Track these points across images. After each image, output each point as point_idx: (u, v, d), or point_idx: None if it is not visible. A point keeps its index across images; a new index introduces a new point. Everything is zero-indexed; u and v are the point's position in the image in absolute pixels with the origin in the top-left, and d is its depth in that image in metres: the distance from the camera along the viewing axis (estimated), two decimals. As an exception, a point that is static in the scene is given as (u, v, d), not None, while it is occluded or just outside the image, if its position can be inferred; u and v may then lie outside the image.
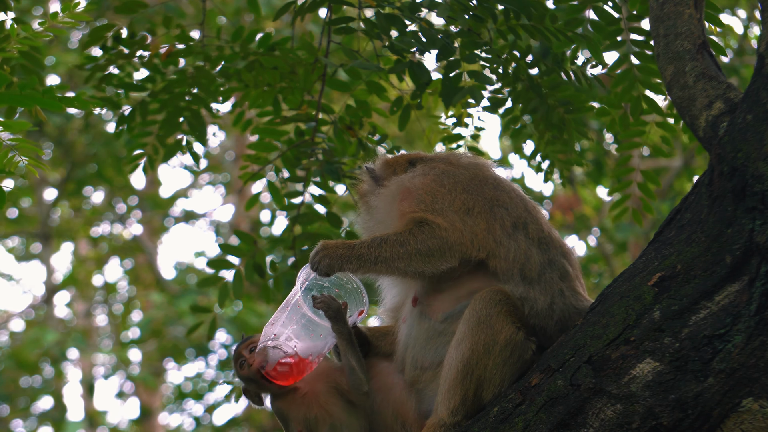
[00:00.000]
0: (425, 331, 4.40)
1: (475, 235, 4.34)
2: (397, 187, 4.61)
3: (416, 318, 4.44)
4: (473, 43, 5.11)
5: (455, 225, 4.33)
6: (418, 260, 4.29)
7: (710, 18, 5.03)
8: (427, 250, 4.30)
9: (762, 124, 3.74)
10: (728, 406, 3.72)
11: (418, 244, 4.30)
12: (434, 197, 4.43)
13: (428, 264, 4.30)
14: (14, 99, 3.76)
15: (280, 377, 4.32)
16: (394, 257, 4.31)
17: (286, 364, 4.31)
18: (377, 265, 4.32)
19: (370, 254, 4.32)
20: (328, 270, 4.34)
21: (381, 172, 4.76)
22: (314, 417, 4.40)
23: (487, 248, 4.33)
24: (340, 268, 4.34)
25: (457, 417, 4.17)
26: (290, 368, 4.31)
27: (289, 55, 5.58)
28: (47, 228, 18.77)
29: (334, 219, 5.80)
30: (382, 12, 5.14)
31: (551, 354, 4.04)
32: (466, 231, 4.34)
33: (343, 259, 4.33)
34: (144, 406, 18.59)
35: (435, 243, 4.31)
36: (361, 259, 4.32)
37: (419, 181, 4.52)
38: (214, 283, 5.79)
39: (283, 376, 4.32)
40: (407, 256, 4.29)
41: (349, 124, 5.81)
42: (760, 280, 3.69)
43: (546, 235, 4.44)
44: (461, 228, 4.33)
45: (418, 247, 4.30)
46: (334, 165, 5.65)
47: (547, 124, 5.48)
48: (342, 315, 4.36)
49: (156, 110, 5.86)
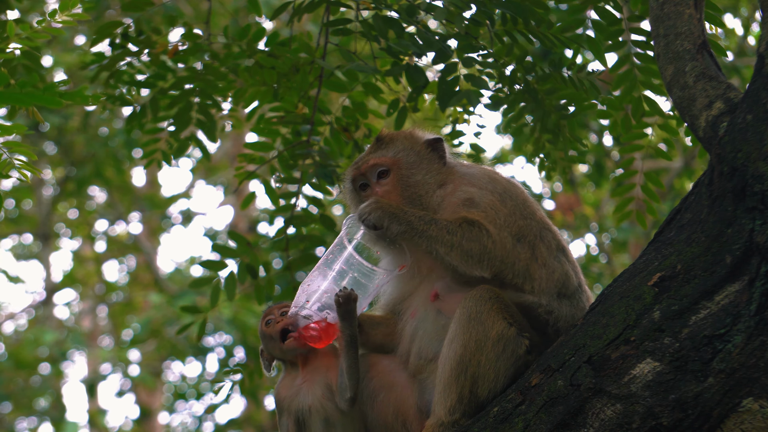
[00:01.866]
0: (437, 327, 4.41)
1: (518, 261, 4.38)
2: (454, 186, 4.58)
3: (430, 313, 4.44)
4: (470, 47, 5.11)
5: (504, 243, 4.38)
6: (457, 254, 4.32)
7: (710, 18, 5.03)
8: (468, 250, 4.32)
9: (762, 124, 3.74)
10: (728, 406, 3.71)
11: (463, 240, 4.32)
12: (497, 213, 4.45)
13: (464, 263, 4.33)
14: (14, 98, 3.74)
15: (310, 340, 4.34)
16: (438, 240, 4.32)
17: (314, 329, 4.33)
18: (420, 239, 4.34)
19: (419, 225, 4.34)
20: (377, 222, 4.34)
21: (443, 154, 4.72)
22: (308, 409, 4.40)
23: (523, 276, 4.38)
24: (387, 226, 4.34)
25: (454, 415, 4.18)
26: (318, 333, 4.33)
27: (287, 55, 5.58)
28: (47, 228, 18.77)
29: (327, 221, 5.80)
30: (379, 14, 5.14)
31: (551, 354, 4.04)
32: (511, 253, 4.37)
33: (393, 218, 4.34)
34: (143, 406, 18.59)
35: (477, 248, 4.33)
36: (409, 225, 4.34)
37: (484, 196, 4.51)
38: (207, 283, 5.79)
39: (312, 339, 4.34)
40: (449, 245, 4.31)
41: (345, 125, 5.81)
42: (760, 280, 3.69)
43: (567, 249, 4.58)
44: (509, 248, 4.38)
45: (462, 243, 4.32)
46: (328, 168, 5.65)
47: (543, 128, 5.48)
48: (353, 314, 4.35)
49: (165, 107, 5.86)
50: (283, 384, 4.50)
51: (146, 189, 19.91)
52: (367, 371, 4.51)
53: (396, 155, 4.66)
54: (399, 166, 4.63)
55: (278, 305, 4.54)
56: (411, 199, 4.55)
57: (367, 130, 5.84)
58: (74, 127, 16.57)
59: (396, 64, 5.27)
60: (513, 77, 5.28)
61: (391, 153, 4.67)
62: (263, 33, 5.70)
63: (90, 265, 20.68)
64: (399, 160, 4.64)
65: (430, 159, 4.65)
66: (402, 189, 4.58)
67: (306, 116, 5.75)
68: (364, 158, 4.72)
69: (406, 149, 4.68)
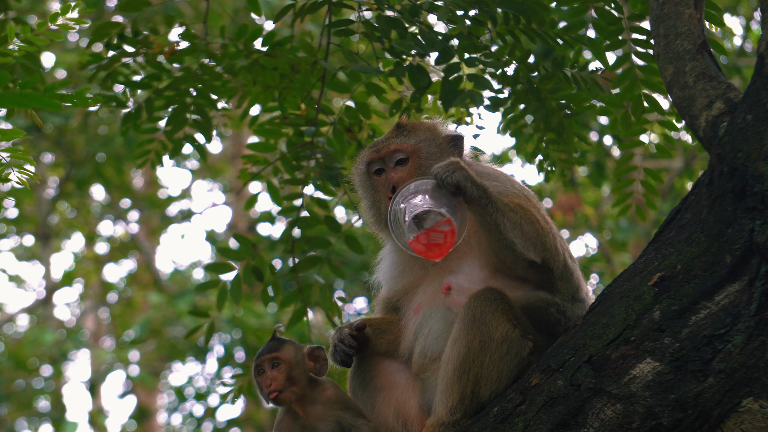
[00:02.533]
0: (445, 325, 4.38)
1: (558, 254, 4.38)
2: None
3: (438, 310, 4.42)
4: (473, 47, 5.11)
5: (553, 232, 4.39)
6: (519, 233, 4.28)
7: (710, 18, 5.03)
8: (527, 232, 4.29)
9: (762, 124, 3.74)
10: (728, 406, 3.71)
11: (522, 220, 4.29)
12: (537, 209, 4.46)
13: (522, 243, 4.28)
14: (13, 99, 3.73)
15: (433, 249, 4.18)
16: (505, 214, 4.26)
17: (440, 232, 4.19)
18: (492, 208, 4.24)
19: (492, 195, 4.26)
20: (459, 182, 4.19)
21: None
22: None
23: (562, 269, 4.39)
24: (466, 188, 4.19)
25: (456, 415, 4.17)
26: (444, 236, 4.18)
27: (288, 56, 5.58)
28: (47, 228, 18.77)
29: (332, 223, 5.79)
30: (382, 15, 5.14)
31: (551, 354, 4.04)
32: (554, 244, 4.37)
33: (473, 182, 4.21)
34: (143, 406, 18.59)
35: (533, 231, 4.31)
36: (485, 192, 4.24)
37: (509, 190, 4.49)
38: (212, 286, 5.78)
39: (436, 247, 4.17)
40: (513, 222, 4.26)
41: (349, 125, 5.81)
42: (760, 280, 3.69)
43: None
44: (552, 240, 4.37)
45: (522, 223, 4.28)
46: (333, 171, 5.64)
47: (546, 127, 5.48)
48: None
49: (161, 107, 5.86)
50: (282, 418, 4.40)
51: (145, 189, 19.91)
52: (368, 371, 4.51)
53: (417, 144, 4.60)
54: (419, 155, 4.58)
55: (269, 355, 4.34)
56: None
57: (371, 130, 5.84)
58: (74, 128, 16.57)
59: (399, 64, 5.27)
60: (515, 77, 5.28)
61: (412, 141, 4.60)
62: (260, 32, 5.70)
63: (89, 265, 20.68)
64: (420, 149, 4.59)
65: (451, 153, 4.59)
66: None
67: (309, 117, 5.75)
68: (384, 142, 4.64)
69: (428, 140, 4.63)
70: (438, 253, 4.19)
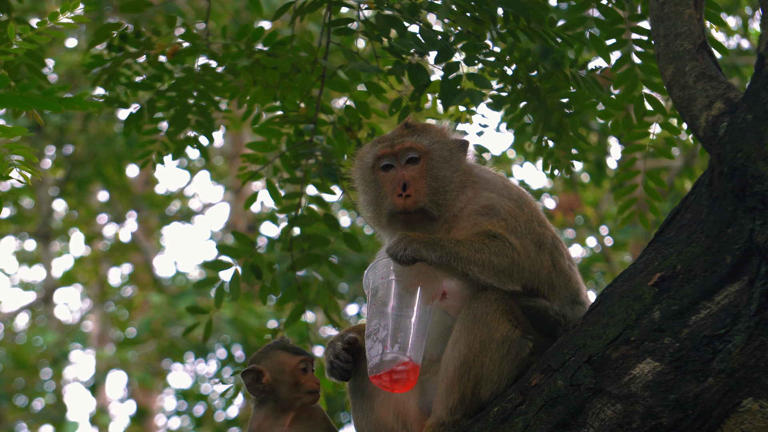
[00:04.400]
0: (442, 328, 4.38)
1: (542, 269, 4.36)
2: (474, 191, 4.56)
3: (436, 313, 4.40)
4: (473, 46, 5.10)
5: (529, 251, 4.35)
6: (490, 272, 4.25)
7: (710, 17, 5.03)
8: (498, 266, 4.27)
9: (762, 124, 3.74)
10: (728, 406, 3.71)
11: (491, 257, 4.26)
12: (517, 220, 4.42)
13: (497, 280, 4.26)
14: (14, 101, 3.74)
15: (397, 384, 4.19)
16: (470, 260, 4.25)
17: (401, 371, 4.17)
18: (455, 261, 4.24)
19: (450, 248, 4.25)
20: (415, 255, 4.22)
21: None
22: None
23: (548, 283, 4.37)
24: (423, 257, 4.22)
25: (456, 416, 4.17)
26: (407, 374, 4.18)
27: (288, 55, 5.58)
28: (47, 228, 18.76)
29: (331, 221, 5.79)
30: (381, 13, 5.14)
31: (551, 354, 4.04)
32: (536, 262, 4.35)
33: (428, 246, 4.23)
34: (142, 406, 18.58)
35: (506, 262, 4.28)
36: (444, 249, 4.24)
37: (503, 202, 4.48)
38: (211, 284, 5.78)
39: (399, 382, 4.19)
40: (481, 264, 4.25)
41: (348, 124, 5.81)
42: (760, 280, 3.68)
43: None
44: (533, 257, 4.35)
45: (492, 260, 4.26)
46: (332, 167, 5.64)
47: (546, 126, 5.48)
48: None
49: (163, 107, 5.86)
50: (262, 423, 4.45)
51: (145, 189, 19.90)
52: (365, 375, 4.50)
53: (431, 145, 4.58)
54: (431, 156, 4.56)
55: (311, 357, 4.54)
56: (435, 192, 4.49)
57: (370, 129, 5.84)
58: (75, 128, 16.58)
59: (398, 63, 5.27)
60: (515, 76, 5.28)
61: (426, 141, 4.58)
62: (262, 32, 5.70)
63: (89, 265, 20.67)
64: (432, 151, 4.58)
65: (459, 158, 4.61)
66: (429, 180, 4.51)
67: (308, 116, 5.75)
68: (398, 138, 4.60)
69: (440, 143, 4.61)
70: (404, 387, 4.21)
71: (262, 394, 4.48)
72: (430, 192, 4.48)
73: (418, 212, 4.48)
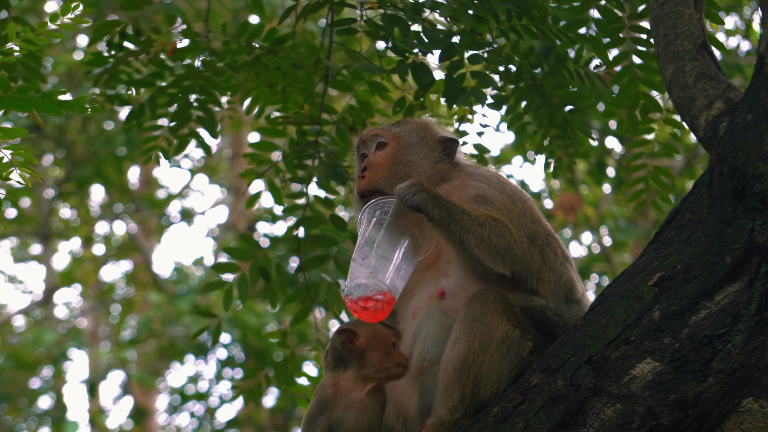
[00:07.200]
0: (441, 328, 4.39)
1: (532, 262, 4.40)
2: (462, 182, 4.59)
3: (435, 314, 4.42)
4: (476, 44, 5.10)
5: (522, 242, 4.39)
6: (486, 248, 4.30)
7: (711, 16, 5.03)
8: (495, 245, 4.31)
9: (762, 124, 3.74)
10: (728, 406, 3.71)
11: (491, 235, 4.31)
12: (510, 212, 4.47)
13: (490, 258, 4.31)
14: (13, 103, 3.73)
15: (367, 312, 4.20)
16: (470, 231, 4.29)
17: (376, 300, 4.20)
18: (455, 227, 4.28)
19: (455, 213, 4.30)
20: (420, 204, 4.26)
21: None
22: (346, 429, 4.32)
23: (535, 277, 4.40)
24: (427, 210, 4.27)
25: (455, 415, 4.17)
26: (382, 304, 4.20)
27: (291, 54, 5.58)
28: (47, 228, 18.77)
29: (338, 221, 5.78)
30: (385, 12, 5.13)
31: (551, 354, 4.04)
32: (527, 254, 4.39)
33: (435, 202, 4.28)
34: (141, 406, 18.58)
35: (503, 244, 4.33)
36: (448, 211, 4.29)
37: (496, 194, 4.52)
38: (219, 287, 5.77)
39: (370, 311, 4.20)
40: (480, 238, 4.29)
41: (352, 124, 5.80)
42: (760, 280, 3.69)
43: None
44: (526, 248, 4.39)
45: (491, 238, 4.30)
46: (338, 168, 5.64)
47: (550, 123, 5.48)
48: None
49: (165, 104, 5.86)
50: (339, 385, 4.34)
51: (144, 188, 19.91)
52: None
53: (399, 133, 4.72)
54: (398, 142, 4.68)
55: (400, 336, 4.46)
56: (398, 176, 4.57)
57: (374, 128, 5.84)
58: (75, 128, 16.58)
59: (402, 62, 5.27)
60: (519, 74, 5.28)
61: (396, 130, 4.74)
62: (262, 29, 5.70)
63: (89, 265, 20.68)
64: (400, 137, 4.70)
65: (433, 149, 4.69)
66: (392, 164, 4.62)
67: (312, 116, 5.75)
68: (370, 128, 4.83)
69: (412, 132, 4.73)
70: (374, 318, 4.22)
71: (352, 356, 4.35)
72: (390, 175, 4.59)
73: (374, 193, 4.56)
